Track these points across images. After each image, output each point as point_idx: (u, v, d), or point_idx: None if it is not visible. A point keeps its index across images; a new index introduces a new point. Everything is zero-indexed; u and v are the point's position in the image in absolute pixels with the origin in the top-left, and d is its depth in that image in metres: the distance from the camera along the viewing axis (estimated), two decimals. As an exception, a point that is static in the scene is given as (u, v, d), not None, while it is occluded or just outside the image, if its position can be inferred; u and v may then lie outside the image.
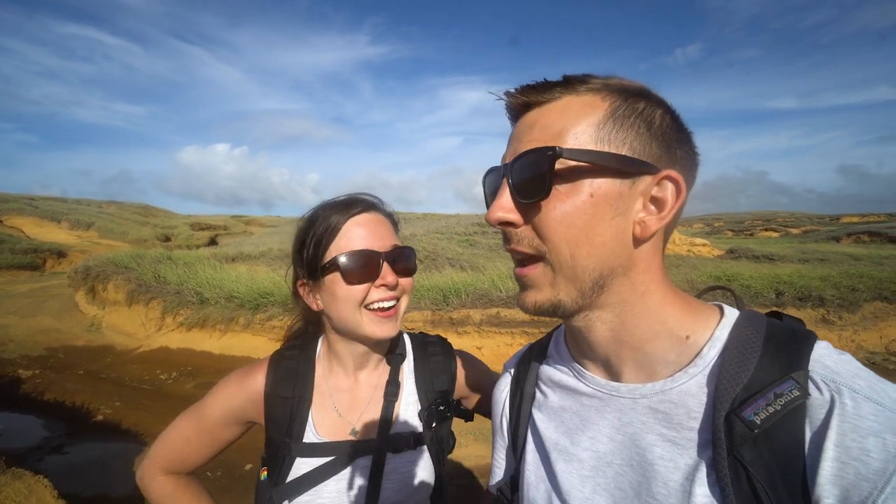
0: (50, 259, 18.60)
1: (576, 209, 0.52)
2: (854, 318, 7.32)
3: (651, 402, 0.55)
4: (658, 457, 0.53)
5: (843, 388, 0.45)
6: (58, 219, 27.02)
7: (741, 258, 13.77)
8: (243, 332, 7.30)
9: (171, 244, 24.19)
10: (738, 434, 0.46)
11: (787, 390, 0.46)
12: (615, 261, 0.53)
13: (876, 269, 9.50)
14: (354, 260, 0.87)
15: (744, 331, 0.53)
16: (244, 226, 38.55)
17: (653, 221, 0.53)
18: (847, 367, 0.48)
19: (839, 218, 53.03)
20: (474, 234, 15.52)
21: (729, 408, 0.48)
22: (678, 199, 0.53)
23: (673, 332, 0.56)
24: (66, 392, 5.77)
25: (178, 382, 6.31)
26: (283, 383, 0.95)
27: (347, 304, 0.89)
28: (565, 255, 0.53)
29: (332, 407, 0.97)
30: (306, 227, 0.94)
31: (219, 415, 0.96)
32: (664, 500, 0.51)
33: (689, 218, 74.02)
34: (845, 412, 0.44)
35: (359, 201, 0.95)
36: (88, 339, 8.07)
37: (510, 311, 6.89)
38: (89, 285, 9.50)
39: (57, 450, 4.45)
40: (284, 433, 0.92)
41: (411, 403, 1.01)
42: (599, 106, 0.53)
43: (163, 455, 0.98)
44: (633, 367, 0.58)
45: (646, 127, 0.53)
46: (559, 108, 0.54)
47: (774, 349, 0.50)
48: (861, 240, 27.04)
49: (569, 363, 0.67)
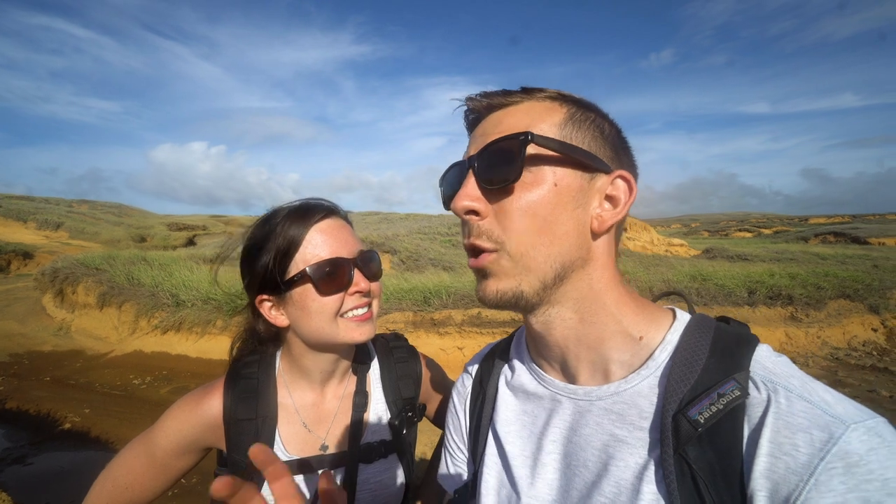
0: (15, 260, 17.79)
1: (540, 198, 0.54)
2: (820, 315, 7.64)
3: (606, 403, 0.57)
4: (610, 457, 0.54)
5: (779, 387, 0.48)
6: (24, 218, 25.88)
7: (717, 258, 14.21)
8: (221, 335, 7.14)
9: (146, 245, 23.46)
10: (684, 433, 0.49)
11: (729, 390, 0.49)
12: (575, 252, 0.56)
13: (840, 267, 9.94)
14: (325, 270, 0.83)
15: (693, 335, 0.56)
16: (224, 226, 37.68)
17: (609, 216, 0.57)
18: (784, 368, 0.51)
19: (808, 219, 55.28)
20: (456, 234, 15.57)
21: (677, 408, 0.50)
22: (630, 197, 0.57)
23: (627, 332, 0.58)
24: (30, 400, 5.53)
25: (153, 387, 6.13)
26: (244, 405, 0.89)
27: (322, 316, 0.85)
28: (525, 244, 0.54)
29: (300, 422, 0.93)
30: (262, 238, 0.87)
31: (172, 446, 0.89)
32: (615, 497, 0.52)
33: (667, 219, 75.86)
34: (780, 410, 0.46)
35: (317, 207, 0.90)
36: (56, 344, 7.75)
37: (491, 311, 6.93)
38: (58, 288, 9.14)
39: (19, 461, 4.26)
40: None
41: (380, 412, 0.99)
42: (558, 110, 0.57)
43: (108, 494, 0.89)
44: (589, 368, 0.60)
45: (599, 132, 0.58)
46: (523, 110, 0.57)
47: (720, 352, 0.53)
48: (827, 240, 28.25)
49: (528, 364, 0.68)
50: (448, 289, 7.45)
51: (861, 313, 7.94)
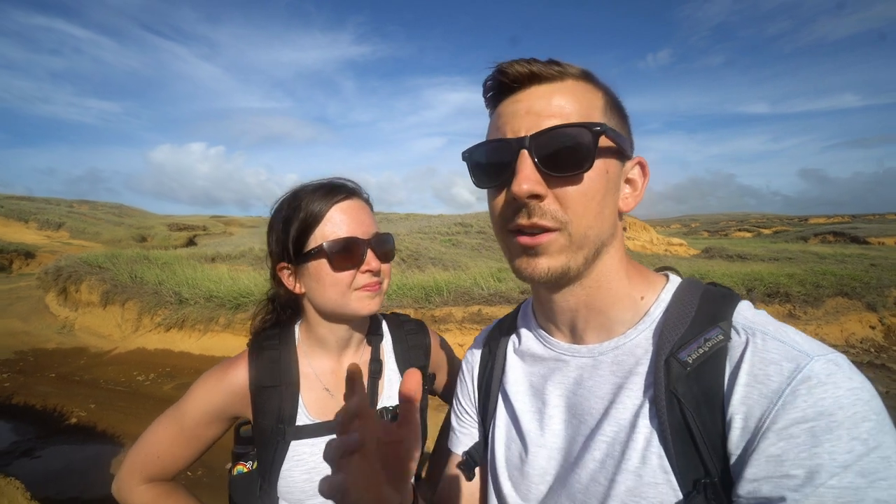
0: (17, 260, 17.85)
1: (597, 184, 0.58)
2: (818, 312, 7.69)
3: (608, 357, 0.64)
4: (611, 402, 0.61)
5: (756, 331, 0.54)
6: (25, 218, 25.93)
7: (716, 257, 14.27)
8: (224, 332, 7.20)
9: (147, 245, 23.51)
10: (675, 372, 0.55)
11: (714, 335, 0.56)
12: (609, 231, 0.62)
13: (839, 266, 10.00)
14: (340, 247, 0.89)
15: (684, 293, 0.63)
16: (224, 226, 37.73)
17: (632, 199, 0.64)
18: (762, 318, 0.58)
19: (807, 219, 55.29)
20: (457, 233, 15.62)
21: (668, 353, 0.57)
22: (645, 180, 0.64)
23: (631, 295, 0.65)
24: (36, 395, 5.59)
25: (156, 384, 6.19)
26: (268, 373, 0.94)
27: (335, 289, 0.91)
28: (583, 226, 0.58)
29: (321, 388, 0.99)
30: (288, 211, 0.93)
31: (200, 415, 0.93)
32: (615, 435, 0.59)
33: (667, 219, 76.17)
34: (756, 348, 0.53)
35: (341, 187, 0.95)
36: (60, 342, 7.81)
37: (491, 308, 6.99)
38: (61, 286, 9.20)
39: (27, 454, 4.32)
40: (276, 420, 0.93)
41: (394, 380, 1.05)
42: (596, 94, 0.60)
43: (141, 462, 0.93)
44: (595, 329, 0.66)
45: (623, 118, 0.63)
46: (569, 89, 0.58)
47: (707, 306, 0.60)
48: (827, 239, 28.29)
49: (535, 330, 0.74)
50: (449, 286, 7.51)
51: (859, 311, 7.99)
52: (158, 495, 0.94)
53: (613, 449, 0.58)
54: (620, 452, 0.57)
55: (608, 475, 0.57)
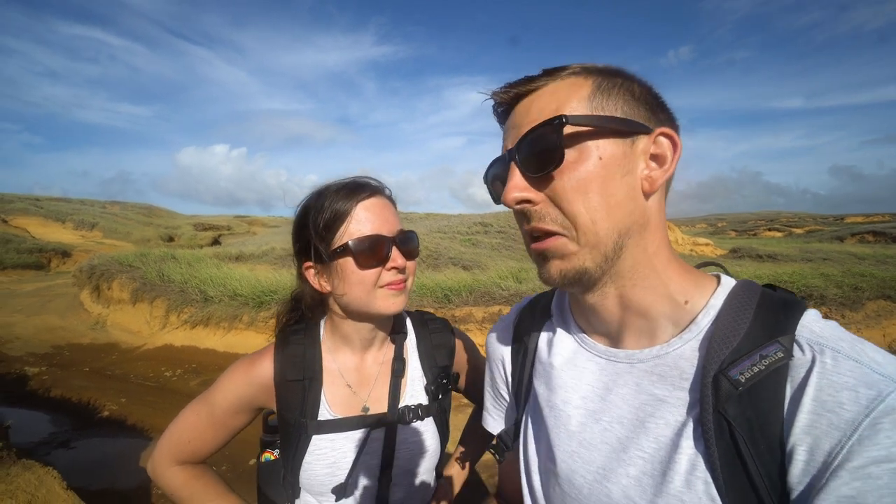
0: (55, 258, 18.74)
1: (588, 174, 0.54)
2: (857, 316, 7.31)
3: (647, 365, 0.58)
4: (650, 415, 0.56)
5: (825, 348, 0.47)
6: (62, 219, 27.19)
7: (744, 257, 13.76)
8: (247, 330, 7.35)
9: (174, 244, 24.31)
10: (724, 392, 0.49)
11: (772, 352, 0.49)
12: (630, 218, 0.56)
13: (880, 268, 9.46)
14: (366, 245, 0.89)
15: (738, 299, 0.56)
16: (247, 226, 38.68)
17: (658, 175, 0.57)
18: (832, 331, 0.50)
19: (843, 218, 52.78)
20: (476, 233, 15.55)
21: (717, 369, 0.51)
22: (675, 153, 0.57)
23: (673, 297, 0.58)
24: (72, 388, 5.82)
25: (183, 379, 6.36)
26: (292, 367, 0.96)
27: (361, 287, 0.91)
28: (586, 221, 0.54)
29: (344, 384, 0.99)
30: (314, 210, 0.94)
31: (228, 404, 0.96)
32: (654, 453, 0.54)
33: (692, 218, 74.00)
34: (825, 369, 0.46)
35: (365, 185, 0.95)
36: (93, 337, 8.13)
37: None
38: (94, 284, 9.57)
39: (64, 444, 4.50)
40: (299, 414, 0.94)
41: (417, 378, 1.05)
42: (584, 84, 0.57)
43: (173, 446, 0.98)
44: (635, 334, 0.61)
45: (629, 95, 0.57)
46: (549, 92, 0.57)
47: (764, 316, 0.53)
48: (865, 239, 26.92)
49: (571, 325, 0.70)
50: (469, 286, 7.46)
51: (902, 315, 7.55)
52: (189, 476, 0.99)
53: (652, 468, 0.53)
54: (661, 473, 0.52)
55: (646, 496, 0.53)
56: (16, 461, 2.73)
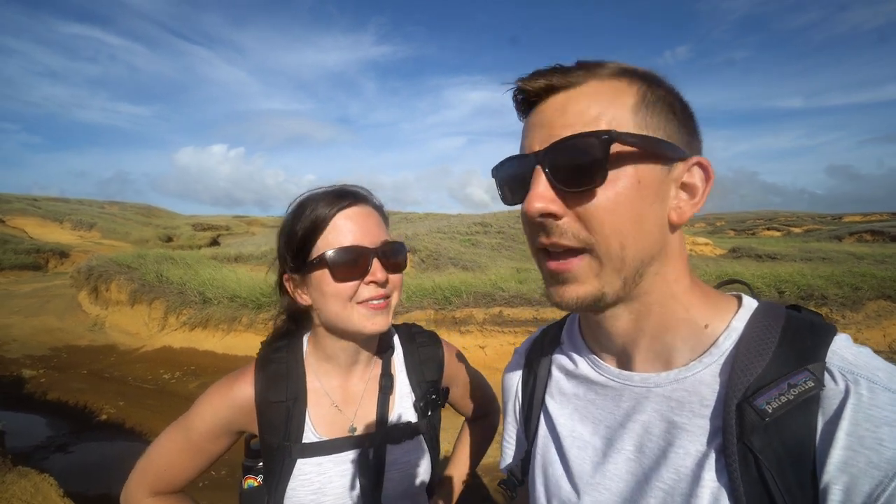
0: (53, 259, 18.67)
1: (624, 196, 0.50)
2: (857, 316, 7.30)
3: (665, 390, 0.55)
4: (669, 444, 0.53)
5: (860, 378, 0.45)
6: (60, 219, 27.12)
7: (743, 257, 13.77)
8: (246, 332, 7.32)
9: (173, 244, 24.25)
10: (749, 422, 0.46)
11: (802, 381, 0.46)
12: (656, 247, 0.53)
13: (879, 267, 9.46)
14: (343, 256, 0.84)
15: (761, 322, 0.53)
16: (246, 226, 38.60)
17: (688, 207, 0.53)
18: (866, 359, 0.47)
19: (841, 217, 52.88)
20: (476, 233, 15.53)
21: (741, 397, 0.48)
22: (708, 185, 0.53)
23: (694, 321, 0.56)
24: (69, 391, 5.79)
25: (182, 382, 6.33)
26: (275, 387, 0.91)
27: (336, 301, 0.86)
28: (615, 246, 0.50)
29: (330, 404, 0.95)
30: (293, 219, 0.90)
31: (206, 428, 0.91)
32: (674, 484, 0.51)
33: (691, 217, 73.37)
34: (861, 402, 0.43)
35: (348, 193, 0.91)
36: (91, 339, 8.10)
37: (513, 310, 6.89)
38: (92, 285, 9.53)
39: (62, 449, 4.47)
40: (282, 437, 0.90)
41: (405, 395, 1.01)
42: (628, 91, 0.51)
43: (148, 474, 0.93)
44: (648, 356, 0.58)
45: (672, 113, 0.52)
46: (588, 93, 0.51)
47: (791, 341, 0.50)
48: (864, 238, 26.94)
49: (582, 350, 0.67)
50: (469, 288, 7.44)
51: (903, 315, 7.55)
52: None
53: (672, 500, 0.51)
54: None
55: None
56: (11, 468, 2.70)
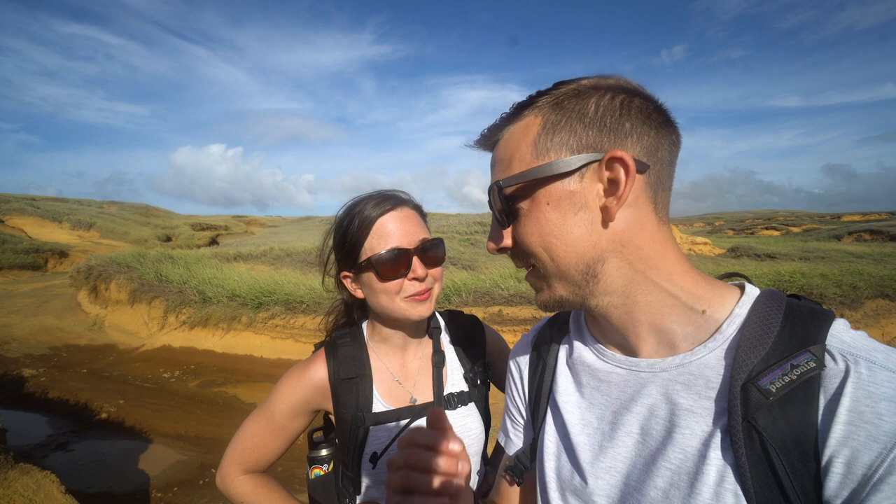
0: (52, 259, 18.65)
1: (542, 219, 0.58)
2: (856, 315, 7.33)
3: (670, 374, 0.57)
4: (675, 425, 0.55)
5: (859, 359, 0.47)
6: (59, 219, 27.07)
7: (742, 256, 13.80)
8: (246, 331, 7.33)
9: (172, 244, 24.22)
10: (754, 401, 0.48)
11: (804, 362, 0.48)
12: (595, 249, 0.57)
13: (877, 266, 9.50)
14: (386, 258, 0.97)
15: (764, 308, 0.55)
16: (245, 226, 38.59)
17: (612, 203, 0.55)
18: (864, 342, 0.49)
19: (840, 216, 53.01)
20: (475, 233, 15.55)
21: (746, 378, 0.50)
22: (628, 176, 0.54)
23: (686, 306, 0.58)
24: (69, 390, 5.79)
25: (182, 381, 6.33)
26: (346, 367, 1.05)
27: (385, 296, 0.99)
28: (546, 260, 0.59)
29: (392, 379, 1.09)
30: (343, 225, 1.03)
31: (287, 408, 1.04)
32: (681, 464, 0.53)
33: (690, 217, 74.17)
34: (860, 379, 0.45)
35: (388, 198, 1.03)
36: (91, 338, 8.09)
37: (512, 308, 6.90)
38: (91, 285, 9.53)
39: (62, 447, 4.47)
40: (356, 408, 1.03)
41: (455, 368, 1.14)
42: (532, 124, 0.59)
43: (238, 456, 1.06)
44: (652, 342, 0.60)
45: (578, 122, 0.56)
46: (507, 140, 0.61)
47: (793, 325, 0.52)
48: (862, 238, 27.03)
49: (588, 339, 0.69)
50: (469, 286, 7.45)
51: (901, 313, 7.58)
52: (256, 485, 1.06)
53: (679, 479, 0.52)
54: (688, 484, 0.51)
55: None
56: (13, 465, 2.70)
